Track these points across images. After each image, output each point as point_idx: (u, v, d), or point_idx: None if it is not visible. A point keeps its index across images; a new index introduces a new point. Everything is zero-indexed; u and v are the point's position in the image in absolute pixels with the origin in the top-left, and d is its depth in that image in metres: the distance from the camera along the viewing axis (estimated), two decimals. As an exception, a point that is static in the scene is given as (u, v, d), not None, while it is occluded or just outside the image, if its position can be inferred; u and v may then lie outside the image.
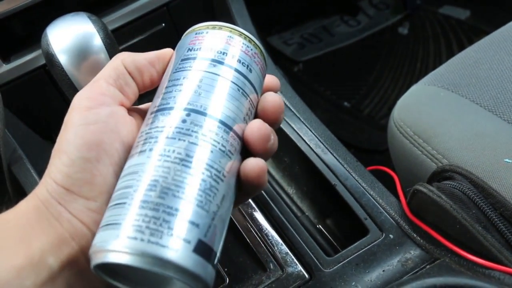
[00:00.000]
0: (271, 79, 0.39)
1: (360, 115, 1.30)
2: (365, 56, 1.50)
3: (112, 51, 0.47)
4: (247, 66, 0.36)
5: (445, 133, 0.53)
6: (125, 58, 0.36)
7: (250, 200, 0.48)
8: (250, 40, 0.37)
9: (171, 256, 0.27)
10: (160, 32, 0.69)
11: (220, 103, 0.33)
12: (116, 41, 0.50)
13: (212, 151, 0.31)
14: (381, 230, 0.45)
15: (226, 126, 0.33)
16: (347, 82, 1.41)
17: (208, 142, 0.31)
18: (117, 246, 0.28)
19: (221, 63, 0.35)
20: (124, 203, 0.29)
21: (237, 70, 0.35)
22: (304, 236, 0.45)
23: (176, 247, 0.28)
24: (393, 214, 0.46)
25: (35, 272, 0.29)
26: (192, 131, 0.32)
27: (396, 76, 1.40)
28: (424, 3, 1.60)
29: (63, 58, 0.45)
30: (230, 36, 0.36)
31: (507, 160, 0.47)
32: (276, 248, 0.44)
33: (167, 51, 0.38)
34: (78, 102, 0.34)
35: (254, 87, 0.36)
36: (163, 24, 0.69)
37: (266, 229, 0.46)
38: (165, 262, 0.27)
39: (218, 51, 0.35)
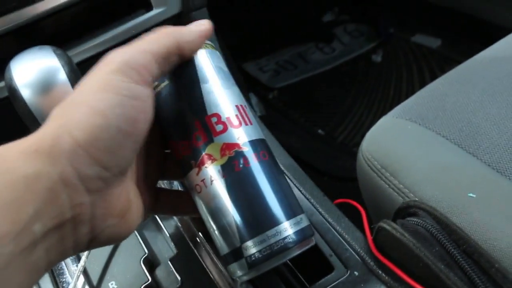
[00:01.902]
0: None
1: (333, 143, 1.31)
2: (340, 83, 1.52)
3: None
4: None
5: (412, 166, 0.54)
6: (182, 38, 0.35)
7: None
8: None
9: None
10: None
11: None
12: (84, 73, 0.50)
13: None
14: (346, 267, 0.45)
15: None
16: (321, 109, 1.43)
17: None
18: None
19: None
20: None
21: None
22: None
23: None
24: (358, 250, 0.46)
25: (17, 239, 0.26)
26: None
27: (370, 102, 1.42)
28: (397, 32, 1.64)
29: (26, 93, 0.44)
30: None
31: (470, 194, 0.48)
32: (239, 284, 0.44)
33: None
34: (124, 68, 0.32)
35: None
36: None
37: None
38: None
39: None
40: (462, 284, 0.39)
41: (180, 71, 0.38)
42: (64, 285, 0.48)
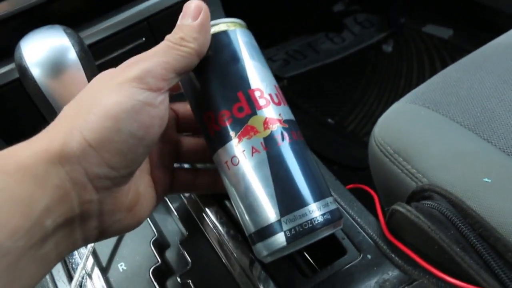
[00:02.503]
0: None
1: (344, 132, 1.30)
2: (350, 73, 1.51)
3: (87, 66, 0.46)
4: None
5: (425, 151, 0.53)
6: (201, 47, 0.36)
7: (226, 220, 0.47)
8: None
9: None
10: (140, 46, 0.68)
11: None
12: (95, 55, 0.50)
13: None
14: (359, 250, 0.44)
15: None
16: (331, 99, 1.42)
17: None
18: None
19: None
20: None
21: None
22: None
23: None
24: (371, 234, 0.45)
25: (29, 233, 0.27)
26: None
27: (380, 93, 1.41)
28: (408, 22, 1.62)
29: (36, 72, 0.44)
30: None
31: (486, 179, 0.47)
32: (250, 267, 0.43)
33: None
34: (141, 74, 0.33)
35: None
36: (144, 39, 0.68)
37: (241, 247, 0.45)
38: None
39: None
40: (478, 268, 0.38)
41: (222, 45, 0.38)
42: (73, 266, 0.47)
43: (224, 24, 0.39)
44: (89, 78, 0.46)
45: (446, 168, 0.50)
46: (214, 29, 0.38)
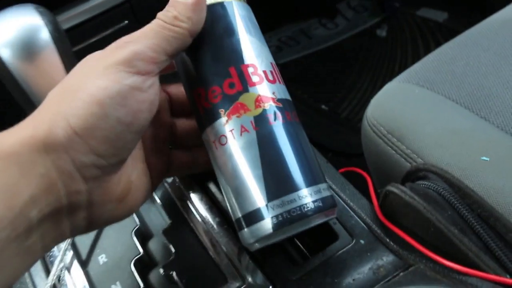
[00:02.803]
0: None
1: (337, 118, 1.28)
2: (343, 59, 1.49)
3: (62, 47, 0.44)
4: None
5: (420, 131, 0.51)
6: (194, 27, 0.34)
7: (211, 206, 0.45)
8: None
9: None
10: (123, 29, 0.66)
11: None
12: (74, 40, 0.47)
13: None
14: (352, 235, 0.42)
15: None
16: (325, 85, 1.40)
17: None
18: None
19: None
20: None
21: None
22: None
23: None
24: (364, 217, 0.43)
25: (13, 224, 0.26)
26: None
27: (374, 78, 1.39)
28: (402, 6, 1.60)
29: (5, 53, 0.41)
30: None
31: (484, 158, 0.45)
32: (237, 256, 0.41)
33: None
34: (129, 57, 0.31)
35: None
36: (126, 21, 0.66)
37: (227, 235, 0.42)
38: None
39: None
40: (477, 250, 0.36)
41: (217, 17, 0.36)
42: (51, 259, 0.45)
43: None
44: (64, 61, 0.44)
45: (442, 147, 0.48)
46: (209, 0, 0.36)
